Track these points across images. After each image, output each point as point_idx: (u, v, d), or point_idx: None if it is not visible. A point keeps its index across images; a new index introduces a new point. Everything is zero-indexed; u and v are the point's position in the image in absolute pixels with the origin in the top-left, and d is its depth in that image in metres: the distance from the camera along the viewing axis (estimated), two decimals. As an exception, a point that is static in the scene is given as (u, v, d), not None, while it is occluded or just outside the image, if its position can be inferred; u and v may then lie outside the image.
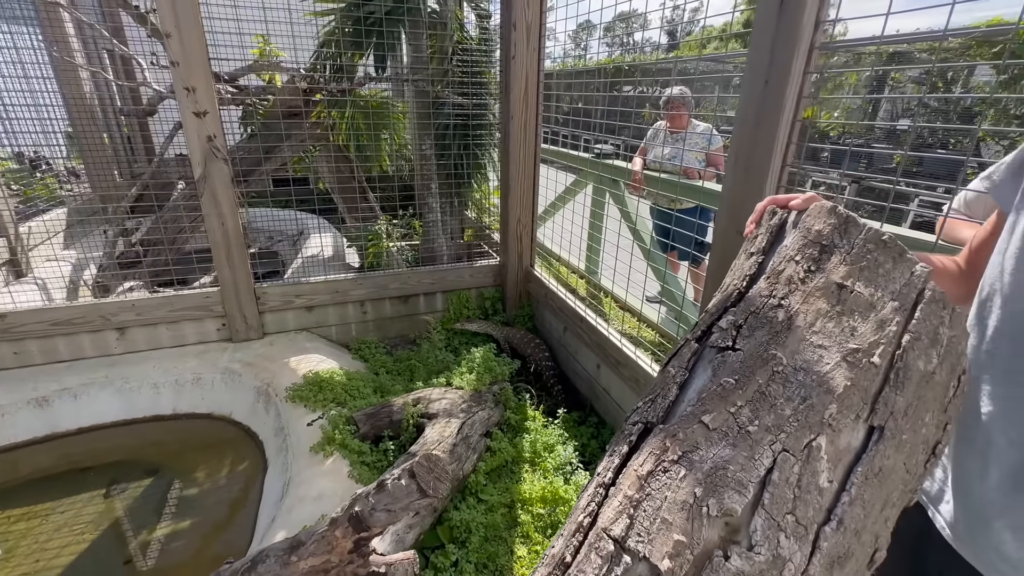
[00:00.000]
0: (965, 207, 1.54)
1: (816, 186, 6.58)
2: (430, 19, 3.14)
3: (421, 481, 0.77)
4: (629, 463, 0.62)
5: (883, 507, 0.59)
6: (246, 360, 2.72)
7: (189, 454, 2.46)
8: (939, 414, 0.65)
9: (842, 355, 0.61)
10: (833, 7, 1.24)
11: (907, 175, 7.51)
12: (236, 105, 3.53)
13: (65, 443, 2.43)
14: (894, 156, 6.42)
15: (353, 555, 0.79)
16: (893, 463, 0.59)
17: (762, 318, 0.68)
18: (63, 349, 2.61)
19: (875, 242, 0.68)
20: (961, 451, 0.76)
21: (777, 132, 1.31)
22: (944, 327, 0.65)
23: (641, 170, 3.47)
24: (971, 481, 0.74)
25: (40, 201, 4.08)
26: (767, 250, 0.77)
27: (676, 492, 0.55)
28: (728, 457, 0.56)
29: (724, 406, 0.61)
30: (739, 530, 0.53)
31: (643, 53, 5.66)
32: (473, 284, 3.34)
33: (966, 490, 0.75)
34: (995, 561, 0.71)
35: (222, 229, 2.62)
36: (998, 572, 0.71)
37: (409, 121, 3.59)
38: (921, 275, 0.66)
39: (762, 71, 1.32)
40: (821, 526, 0.55)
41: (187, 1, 2.20)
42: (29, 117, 3.69)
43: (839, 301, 0.66)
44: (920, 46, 7.44)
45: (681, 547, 0.51)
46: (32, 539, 2.00)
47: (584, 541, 0.58)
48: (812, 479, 0.55)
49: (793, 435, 0.57)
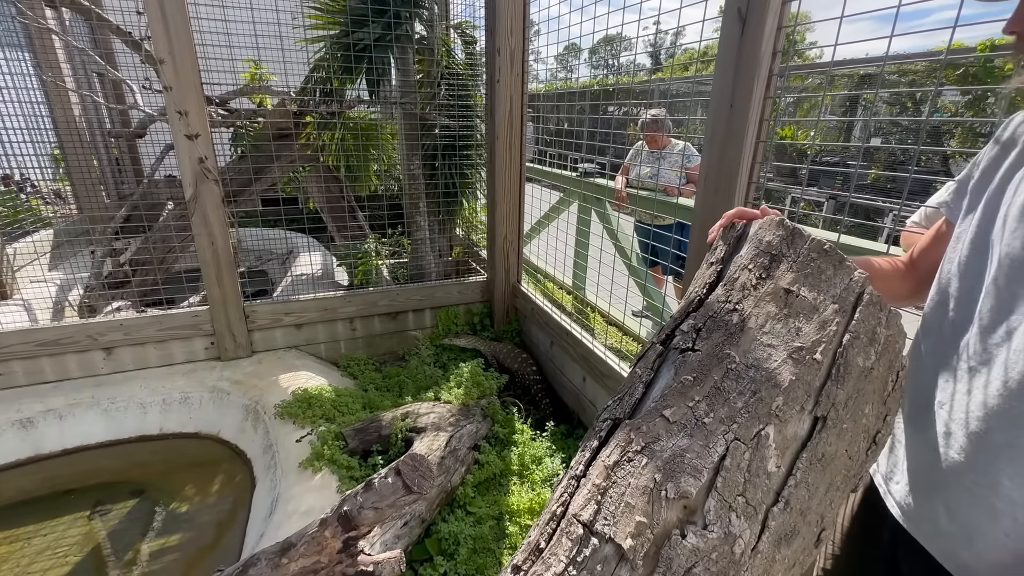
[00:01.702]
0: (926, 220, 1.65)
1: (796, 202, 6.80)
2: (418, 45, 3.25)
3: (406, 478, 0.81)
4: (598, 456, 0.67)
5: (827, 490, 0.65)
6: (235, 378, 2.72)
7: (176, 474, 2.44)
8: (879, 406, 0.71)
9: (788, 353, 0.68)
10: (807, 30, 1.34)
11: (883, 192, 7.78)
12: (227, 127, 3.60)
13: (49, 465, 2.40)
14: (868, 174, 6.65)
15: (342, 555, 0.82)
16: (835, 450, 0.65)
17: (719, 321, 0.74)
18: (49, 370, 2.60)
19: (818, 251, 0.75)
20: (914, 437, 0.83)
21: (743, 152, 1.40)
22: (881, 327, 0.72)
23: (624, 188, 3.58)
24: (922, 465, 0.80)
25: (26, 223, 4.08)
26: (725, 260, 0.84)
27: (638, 479, 0.60)
28: (685, 446, 0.62)
29: (683, 401, 0.67)
30: (695, 511, 0.59)
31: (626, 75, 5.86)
32: (461, 300, 3.39)
33: (916, 473, 0.82)
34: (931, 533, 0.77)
35: (212, 248, 2.65)
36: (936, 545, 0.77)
37: (398, 142, 3.68)
38: (859, 280, 0.73)
39: (727, 95, 1.41)
40: (770, 507, 0.60)
41: (181, 29, 2.28)
42: (17, 140, 3.71)
43: (786, 304, 0.72)
44: (890, 68, 7.78)
45: (642, 527, 0.56)
46: (14, 563, 1.97)
47: (557, 528, 0.62)
48: (761, 464, 0.61)
49: (744, 425, 0.63)
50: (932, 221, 1.60)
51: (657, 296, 3.34)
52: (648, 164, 3.58)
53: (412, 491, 0.81)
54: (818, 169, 7.64)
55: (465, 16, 3.72)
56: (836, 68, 6.72)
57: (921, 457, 0.80)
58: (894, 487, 0.84)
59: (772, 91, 1.36)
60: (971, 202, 0.79)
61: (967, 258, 0.77)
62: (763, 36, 1.29)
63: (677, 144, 3.62)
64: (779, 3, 1.27)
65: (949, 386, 0.76)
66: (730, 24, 1.37)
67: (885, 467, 0.89)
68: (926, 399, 0.80)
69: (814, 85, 8.45)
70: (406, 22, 3.00)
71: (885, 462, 0.89)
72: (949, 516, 0.74)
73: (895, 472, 0.85)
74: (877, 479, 0.90)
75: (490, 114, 2.97)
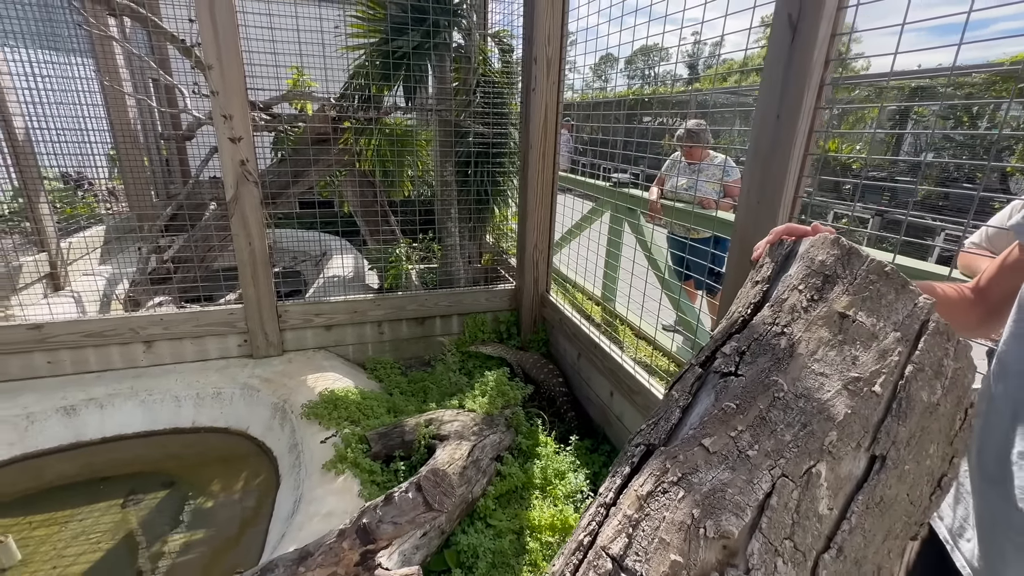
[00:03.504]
0: (987, 242, 1.52)
1: (839, 218, 6.52)
2: (455, 53, 3.28)
3: (427, 495, 0.78)
4: (630, 484, 0.63)
5: (885, 537, 0.59)
6: (265, 376, 2.78)
7: (205, 467, 2.50)
8: (944, 446, 0.64)
9: (843, 383, 0.62)
10: (852, 40, 1.27)
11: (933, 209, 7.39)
12: (269, 131, 3.71)
13: (88, 452, 2.49)
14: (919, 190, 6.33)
15: (359, 568, 0.80)
16: (895, 493, 0.59)
17: (765, 345, 0.69)
18: (93, 360, 2.71)
19: (878, 273, 0.69)
20: (987, 491, 0.74)
21: (789, 164, 1.34)
22: (948, 359, 0.66)
23: (657, 199, 3.50)
24: (996, 523, 0.72)
25: (80, 219, 4.30)
26: (772, 279, 0.78)
27: (674, 513, 0.56)
28: (727, 480, 0.57)
29: (725, 430, 0.62)
30: (736, 553, 0.54)
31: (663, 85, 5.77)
32: (489, 308, 3.38)
33: (991, 531, 0.73)
34: None
35: (249, 248, 2.72)
36: None
37: (432, 148, 3.71)
38: (924, 306, 0.67)
39: (774, 105, 1.35)
40: (820, 553, 0.55)
41: (229, 36, 2.36)
42: (75, 141, 3.92)
43: (841, 330, 0.67)
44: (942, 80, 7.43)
45: (678, 567, 0.52)
46: (50, 545, 2.04)
47: (584, 559, 0.59)
48: (811, 505, 0.56)
49: (792, 461, 0.58)
50: (996, 244, 1.48)
51: (690, 311, 3.24)
52: (684, 175, 3.50)
53: (432, 508, 0.79)
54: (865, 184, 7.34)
55: (503, 25, 3.74)
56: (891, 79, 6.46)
57: (998, 514, 0.72)
58: (964, 544, 0.76)
59: (823, 101, 1.29)
60: None
61: None
62: (815, 43, 1.23)
63: (717, 157, 3.52)
64: (834, 8, 1.21)
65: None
66: (780, 31, 1.31)
67: (951, 519, 0.81)
68: (1001, 449, 0.71)
69: (861, 97, 8.13)
70: (444, 30, 3.03)
71: (951, 514, 0.81)
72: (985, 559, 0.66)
73: (965, 528, 0.77)
74: (941, 531, 0.82)
75: (524, 122, 2.96)
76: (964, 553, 0.76)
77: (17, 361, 2.60)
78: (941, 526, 0.82)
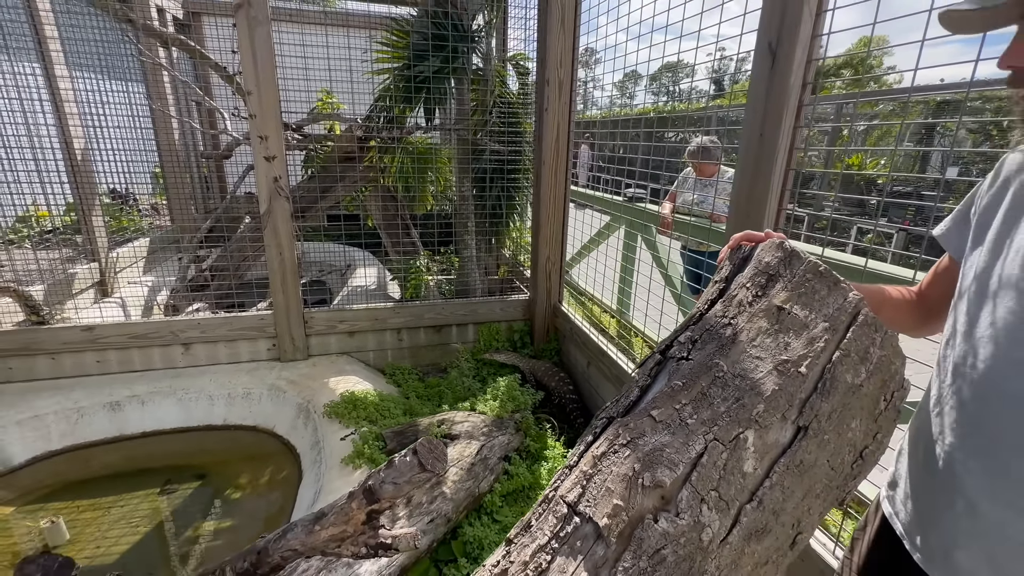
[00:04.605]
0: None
1: (864, 233, 6.43)
2: (474, 76, 3.47)
3: (422, 458, 0.89)
4: (590, 448, 0.74)
5: (805, 495, 0.68)
6: (291, 378, 2.95)
7: (234, 463, 2.67)
8: (868, 422, 0.73)
9: (774, 365, 0.72)
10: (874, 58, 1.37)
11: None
12: (300, 150, 3.97)
13: (130, 445, 2.70)
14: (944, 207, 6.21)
15: (365, 527, 0.92)
16: (815, 458, 0.68)
17: (714, 334, 0.79)
18: (137, 360, 2.94)
19: (813, 272, 0.79)
20: (926, 480, 0.79)
21: (772, 179, 1.44)
22: (875, 347, 0.75)
23: (670, 214, 3.59)
24: (937, 509, 0.76)
25: (127, 231, 4.64)
26: (729, 279, 0.89)
27: (620, 467, 0.66)
28: (666, 442, 0.68)
29: (671, 403, 0.73)
30: (670, 500, 0.64)
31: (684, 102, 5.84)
32: (503, 317, 3.50)
33: (931, 518, 0.78)
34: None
35: (279, 258, 2.92)
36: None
37: (452, 165, 3.90)
38: (853, 301, 0.77)
39: (757, 125, 1.46)
40: (743, 504, 0.65)
41: (266, 65, 2.59)
42: (125, 160, 4.26)
43: (778, 321, 0.77)
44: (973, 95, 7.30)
45: (619, 510, 0.63)
46: (95, 527, 2.23)
47: (546, 508, 0.70)
48: (737, 464, 0.66)
49: (724, 428, 0.68)
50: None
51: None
52: (695, 191, 3.58)
53: (426, 470, 0.90)
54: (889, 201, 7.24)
55: (520, 48, 3.93)
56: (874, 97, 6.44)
57: (952, 506, 0.74)
58: (920, 540, 0.79)
59: (801, 121, 1.39)
60: (975, 238, 0.78)
61: (975, 295, 0.73)
62: (792, 69, 1.34)
63: (727, 172, 3.60)
64: (808, 37, 1.32)
65: (970, 430, 0.71)
66: (761, 56, 1.42)
67: (906, 515, 0.83)
68: (946, 443, 0.77)
69: (885, 112, 8.06)
70: (463, 55, 3.23)
71: (904, 510, 0.83)
72: (992, 569, 0.69)
73: (925, 527, 0.79)
74: (897, 527, 0.83)
75: (538, 141, 3.11)
76: (911, 539, 0.79)
77: (71, 359, 2.84)
78: (896, 521, 0.84)
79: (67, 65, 3.36)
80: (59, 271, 3.37)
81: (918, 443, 0.81)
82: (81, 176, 3.55)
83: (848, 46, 11.01)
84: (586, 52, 4.87)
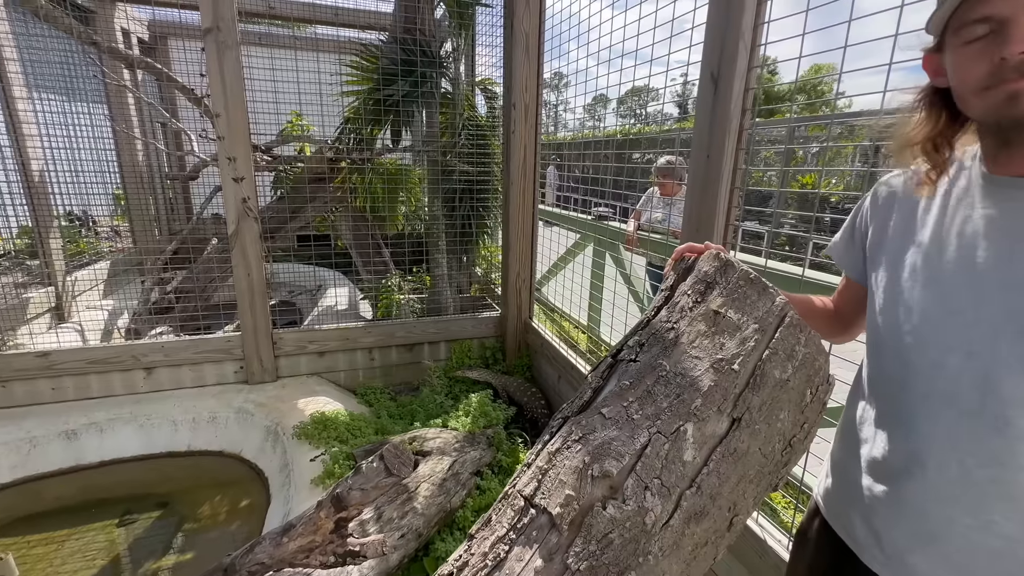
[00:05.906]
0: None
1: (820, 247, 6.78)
2: (443, 99, 3.57)
3: (388, 463, 0.92)
4: (546, 446, 0.79)
5: (739, 481, 0.75)
6: (259, 401, 2.90)
7: (199, 490, 2.59)
8: (796, 414, 0.81)
9: (711, 363, 0.79)
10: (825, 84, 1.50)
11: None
12: (269, 171, 3.96)
13: (87, 475, 2.59)
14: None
15: (333, 535, 0.93)
16: (748, 447, 0.75)
17: (659, 337, 0.86)
18: (95, 386, 2.84)
19: (745, 279, 0.87)
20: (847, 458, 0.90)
21: (718, 197, 1.55)
22: (800, 346, 0.83)
23: (635, 231, 3.73)
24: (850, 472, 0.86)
25: (85, 255, 4.50)
26: (673, 287, 0.97)
27: (571, 460, 0.72)
28: (614, 436, 0.74)
29: (620, 401, 0.79)
30: (618, 489, 0.70)
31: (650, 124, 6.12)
32: (475, 334, 3.53)
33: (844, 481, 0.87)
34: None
35: (248, 279, 2.90)
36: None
37: (423, 186, 3.96)
38: (780, 304, 0.85)
39: (704, 147, 1.57)
40: (684, 490, 0.71)
41: (235, 88, 2.62)
42: (85, 182, 4.16)
43: (715, 324, 0.84)
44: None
45: (571, 499, 0.68)
46: (47, 563, 2.13)
47: (504, 502, 0.74)
48: (677, 454, 0.72)
49: (666, 421, 0.74)
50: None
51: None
52: (658, 209, 3.74)
53: (392, 474, 0.93)
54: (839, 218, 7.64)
55: (489, 74, 4.06)
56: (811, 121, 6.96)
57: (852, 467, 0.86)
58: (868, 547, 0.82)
59: (744, 143, 1.51)
60: (872, 260, 0.87)
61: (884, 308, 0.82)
62: (732, 96, 1.46)
63: (686, 190, 3.77)
64: (744, 69, 1.44)
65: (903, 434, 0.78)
66: (705, 85, 1.54)
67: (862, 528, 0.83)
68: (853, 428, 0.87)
69: (835, 135, 8.55)
70: (431, 80, 3.33)
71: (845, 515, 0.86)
72: (947, 566, 0.72)
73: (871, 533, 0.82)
74: (841, 533, 0.87)
75: (506, 162, 3.21)
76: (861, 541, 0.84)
77: (22, 387, 2.73)
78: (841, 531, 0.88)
79: (27, 87, 3.30)
80: (12, 296, 3.25)
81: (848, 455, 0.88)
82: (38, 198, 3.46)
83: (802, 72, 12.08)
84: (555, 76, 5.06)
